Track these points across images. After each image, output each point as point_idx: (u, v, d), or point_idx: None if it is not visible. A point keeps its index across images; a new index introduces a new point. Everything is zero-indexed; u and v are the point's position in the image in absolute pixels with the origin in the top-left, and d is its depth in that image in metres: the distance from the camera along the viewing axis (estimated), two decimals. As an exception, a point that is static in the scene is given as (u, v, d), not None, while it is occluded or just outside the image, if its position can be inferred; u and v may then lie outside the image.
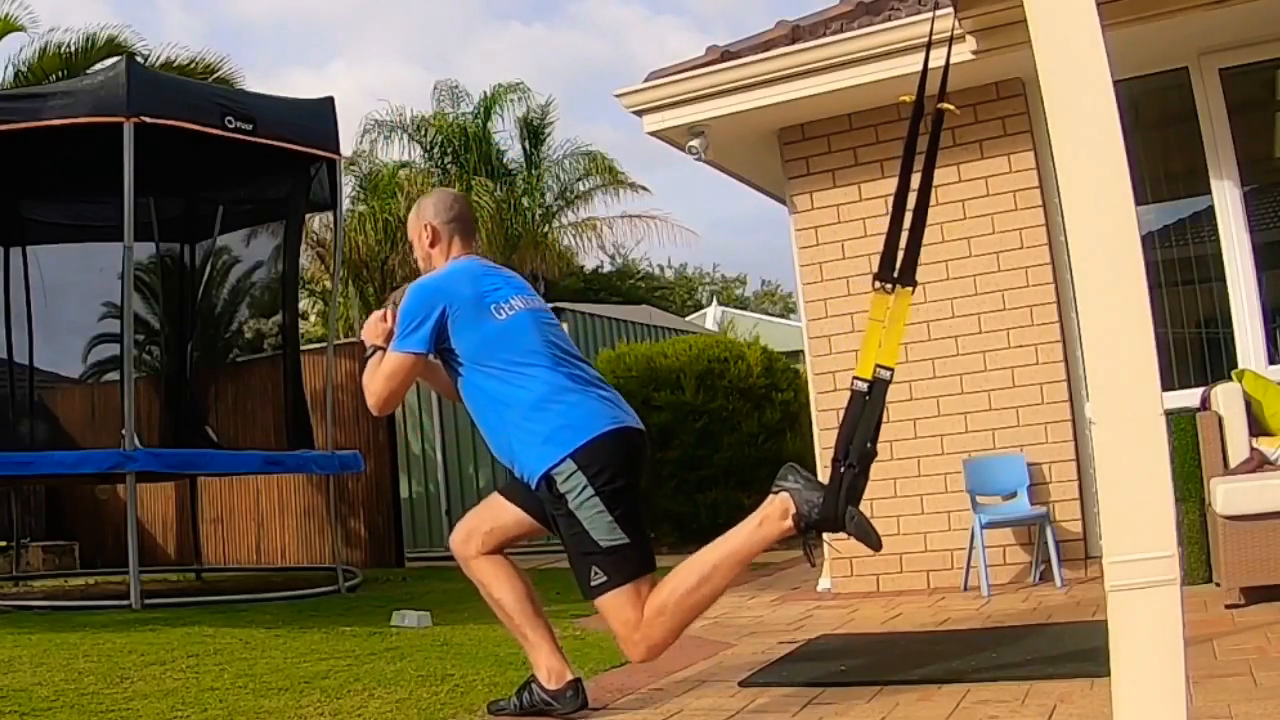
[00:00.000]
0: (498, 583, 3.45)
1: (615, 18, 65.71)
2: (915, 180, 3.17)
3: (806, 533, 3.17)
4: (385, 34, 61.40)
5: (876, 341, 3.10)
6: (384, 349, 3.49)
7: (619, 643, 3.33)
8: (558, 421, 3.27)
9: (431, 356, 3.45)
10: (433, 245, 3.59)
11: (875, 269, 3.16)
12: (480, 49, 60.18)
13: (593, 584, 3.25)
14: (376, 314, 3.60)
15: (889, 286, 3.10)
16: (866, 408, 3.11)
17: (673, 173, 38.59)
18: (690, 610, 3.25)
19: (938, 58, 3.27)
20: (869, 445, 3.10)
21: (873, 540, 3.15)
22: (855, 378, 3.12)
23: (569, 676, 3.41)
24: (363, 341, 3.62)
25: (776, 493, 3.21)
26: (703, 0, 66.49)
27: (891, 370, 3.09)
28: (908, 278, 3.11)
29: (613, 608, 3.25)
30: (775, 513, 3.18)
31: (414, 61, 59.92)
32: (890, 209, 3.16)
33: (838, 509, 3.09)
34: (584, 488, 3.22)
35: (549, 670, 3.41)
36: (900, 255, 3.11)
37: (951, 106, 3.20)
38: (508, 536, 3.50)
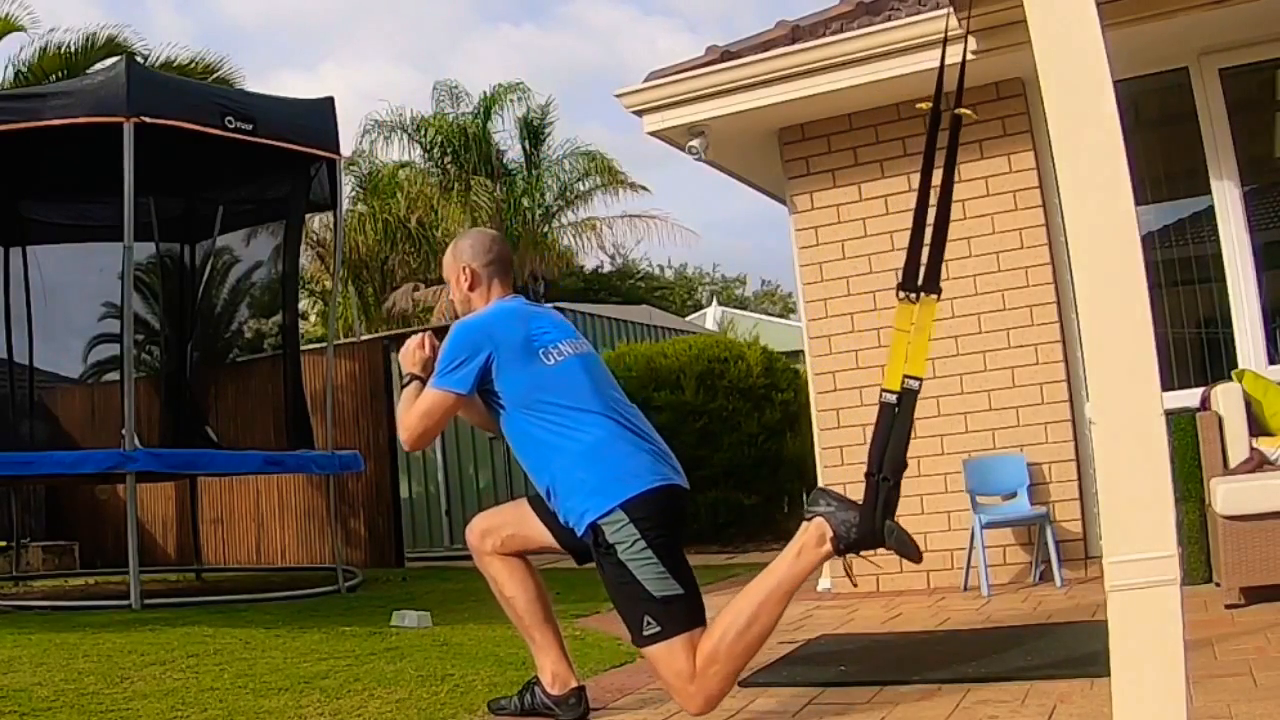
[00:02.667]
0: (511, 581, 3.41)
1: (606, 19, 65.73)
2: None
3: (845, 554, 3.10)
4: (376, 36, 61.46)
5: (904, 352, 3.04)
6: (420, 379, 3.40)
7: (672, 694, 3.21)
8: (610, 472, 3.18)
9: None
10: (472, 288, 3.48)
11: (875, 270, 3.15)
12: (471, 51, 60.23)
13: (645, 634, 3.13)
14: (414, 340, 3.50)
15: (914, 296, 3.03)
16: (898, 419, 3.03)
17: (666, 173, 38.59)
18: (743, 655, 3.14)
19: (958, 61, 3.23)
20: (902, 458, 3.03)
21: (913, 554, 3.08)
22: (884, 390, 3.05)
23: (573, 684, 3.39)
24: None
25: (810, 519, 3.12)
26: (694, 1, 66.53)
27: (920, 380, 3.03)
28: (932, 285, 3.04)
29: (665, 658, 3.13)
30: (812, 540, 3.10)
31: (405, 63, 59.94)
32: (912, 217, 3.09)
33: (876, 524, 3.02)
34: (636, 539, 3.12)
35: (554, 676, 3.39)
36: (924, 263, 3.03)
37: (969, 112, 3.14)
38: (526, 547, 3.45)
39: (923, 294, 3.04)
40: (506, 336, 3.29)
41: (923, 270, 3.03)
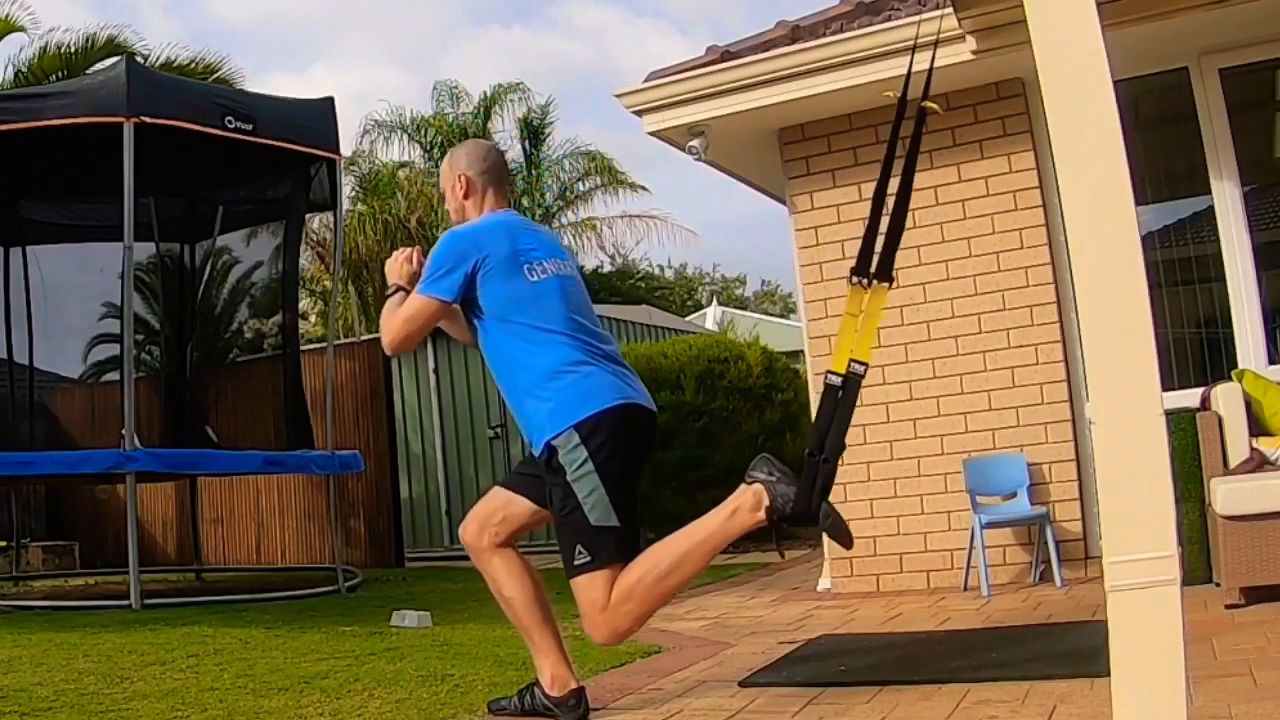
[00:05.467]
0: (510, 581, 3.42)
1: (596, 21, 65.79)
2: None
3: (778, 525, 3.16)
4: (366, 38, 61.52)
5: (852, 336, 3.09)
6: (406, 290, 3.46)
7: (583, 619, 3.29)
8: (567, 391, 3.24)
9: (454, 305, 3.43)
10: (466, 196, 3.54)
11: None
12: (460, 53, 60.36)
13: (576, 562, 3.22)
14: (401, 253, 3.57)
15: (865, 282, 3.10)
16: (841, 402, 3.09)
17: (661, 173, 38.37)
18: (657, 599, 3.22)
19: (928, 59, 3.26)
20: (843, 441, 3.10)
21: (845, 539, 3.16)
22: (829, 372, 3.10)
23: (573, 685, 3.40)
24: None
25: (750, 483, 3.17)
26: (684, 3, 66.58)
27: (865, 365, 3.08)
28: (884, 274, 3.11)
29: (586, 587, 3.23)
30: (748, 504, 3.16)
31: (395, 65, 60.00)
32: (870, 205, 3.17)
33: (812, 504, 3.08)
34: (584, 461, 3.18)
35: (553, 677, 3.40)
36: (878, 251, 3.11)
37: (934, 106, 3.18)
38: (520, 524, 3.47)
39: (875, 281, 3.09)
40: (494, 248, 3.35)
41: (877, 258, 3.10)
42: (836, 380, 3.08)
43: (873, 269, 3.10)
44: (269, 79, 61.51)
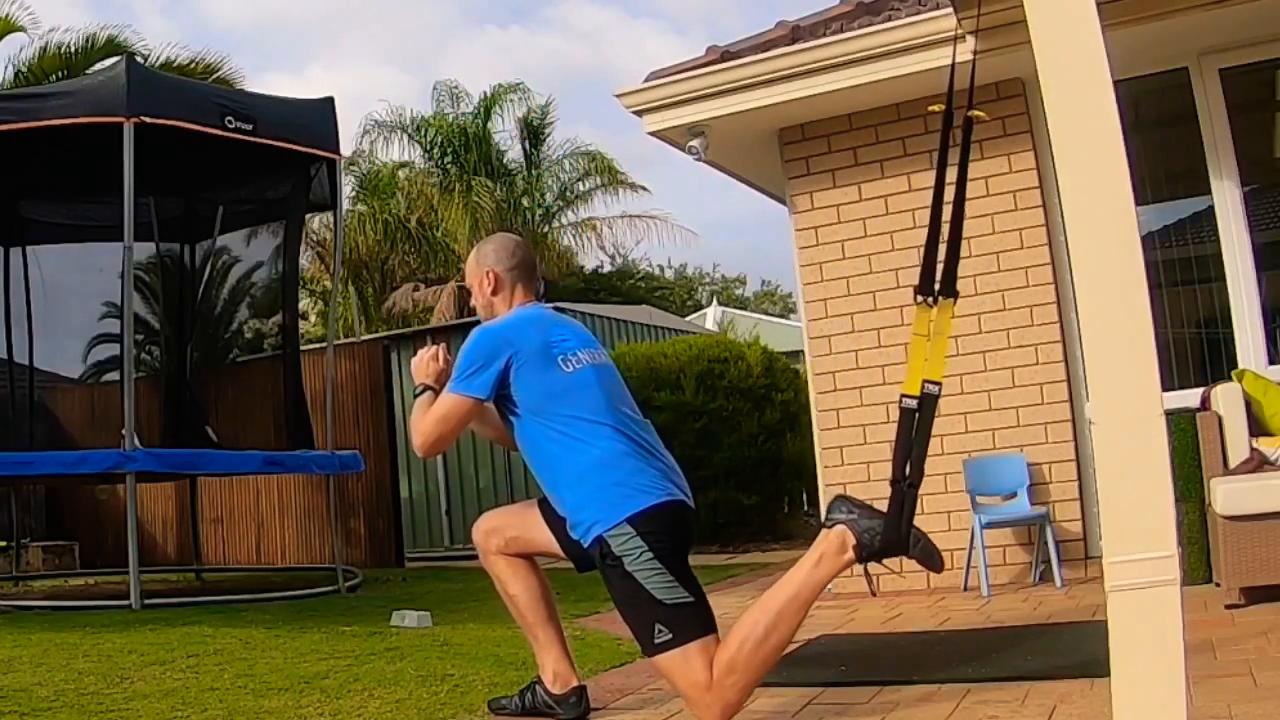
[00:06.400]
0: (515, 579, 3.41)
1: (593, 21, 65.67)
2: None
3: (868, 562, 3.06)
4: (362, 39, 61.41)
5: (922, 356, 2.97)
6: (434, 389, 3.37)
7: (688, 705, 3.17)
8: (617, 487, 3.16)
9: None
10: (495, 293, 3.46)
11: (875, 270, 3.12)
12: (457, 53, 60.30)
13: (657, 641, 3.10)
14: (426, 352, 3.47)
15: (930, 300, 2.96)
16: (919, 425, 2.98)
17: (658, 173, 38.41)
18: (761, 665, 3.09)
19: (950, 63, 3.18)
20: (923, 464, 3.00)
21: (937, 563, 3.06)
22: (904, 395, 2.98)
23: (574, 683, 3.40)
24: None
25: (830, 526, 3.08)
26: (681, 3, 66.58)
27: (939, 384, 2.97)
28: (949, 288, 2.97)
29: (679, 667, 3.07)
30: (833, 548, 3.06)
31: (392, 66, 59.92)
32: (928, 221, 3.02)
33: (902, 532, 2.99)
34: (643, 550, 3.10)
35: (555, 674, 3.40)
36: (940, 266, 2.96)
37: (982, 114, 3.09)
38: (529, 550, 3.44)
39: (940, 298, 2.97)
40: (526, 343, 3.27)
41: (939, 273, 2.97)
42: (912, 403, 2.97)
43: (937, 285, 2.96)
44: (265, 79, 61.71)
